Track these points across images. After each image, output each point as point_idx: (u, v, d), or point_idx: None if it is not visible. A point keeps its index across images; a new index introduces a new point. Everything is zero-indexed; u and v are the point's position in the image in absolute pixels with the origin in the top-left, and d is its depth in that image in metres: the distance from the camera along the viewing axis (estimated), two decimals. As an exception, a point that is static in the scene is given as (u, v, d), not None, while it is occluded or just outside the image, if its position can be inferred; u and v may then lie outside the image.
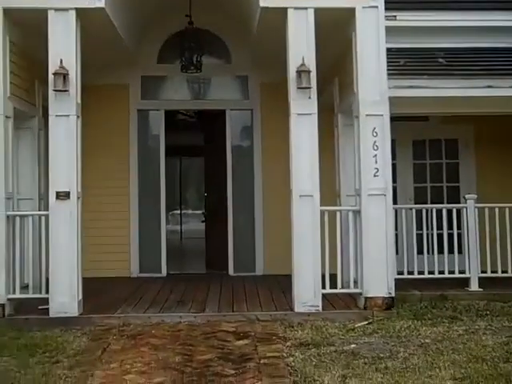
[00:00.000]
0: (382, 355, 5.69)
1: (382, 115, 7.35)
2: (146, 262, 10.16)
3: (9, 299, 7.13)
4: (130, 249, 10.08)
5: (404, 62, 8.28)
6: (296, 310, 7.20)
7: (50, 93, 7.17)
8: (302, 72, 7.19)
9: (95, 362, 5.68)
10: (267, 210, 10.16)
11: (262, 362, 5.59)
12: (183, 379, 5.18)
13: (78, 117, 7.25)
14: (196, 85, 10.55)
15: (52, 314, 7.01)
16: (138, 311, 7.35)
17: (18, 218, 7.34)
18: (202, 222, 11.76)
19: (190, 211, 19.63)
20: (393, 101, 7.38)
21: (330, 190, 8.49)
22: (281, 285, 8.51)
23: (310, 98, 7.28)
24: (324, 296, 7.30)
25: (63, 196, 7.08)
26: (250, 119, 10.45)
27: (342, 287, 7.50)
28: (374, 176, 7.33)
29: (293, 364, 5.51)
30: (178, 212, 18.42)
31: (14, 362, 5.70)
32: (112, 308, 7.43)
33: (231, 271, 10.24)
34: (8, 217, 7.16)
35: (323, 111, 7.57)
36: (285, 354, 5.80)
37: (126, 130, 10.22)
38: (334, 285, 7.43)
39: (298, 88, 7.24)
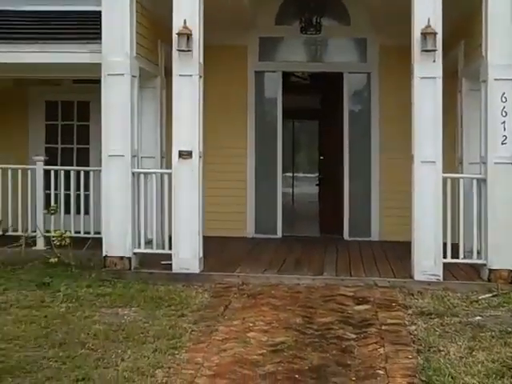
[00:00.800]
0: (510, 329, 5.49)
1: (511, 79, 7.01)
2: (262, 223, 10.27)
3: (134, 253, 7.44)
4: (247, 209, 10.22)
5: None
6: (415, 277, 7.08)
7: (174, 52, 7.29)
8: (427, 34, 6.95)
9: (218, 317, 5.84)
10: (384, 175, 10.00)
11: (383, 328, 5.55)
12: (305, 340, 5.23)
13: (200, 77, 7.34)
14: (313, 47, 10.42)
15: (174, 269, 7.25)
16: (256, 271, 7.47)
17: (142, 176, 7.58)
18: (317, 185, 11.74)
19: (301, 174, 19.61)
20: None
21: (450, 157, 8.21)
22: (397, 251, 8.41)
23: (434, 61, 7.02)
24: (444, 265, 7.12)
25: (186, 155, 7.23)
26: (368, 82, 10.25)
27: (464, 257, 7.30)
28: (502, 144, 7.02)
29: (415, 332, 5.43)
30: (290, 175, 18.46)
31: (142, 312, 5.96)
32: (231, 267, 7.60)
33: (346, 235, 10.18)
34: (133, 174, 7.42)
35: (444, 75, 7.28)
36: (406, 322, 5.73)
37: (243, 91, 10.27)
38: (455, 254, 7.24)
39: (423, 51, 7.00)
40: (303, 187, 17.85)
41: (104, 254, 7.41)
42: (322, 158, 11.72)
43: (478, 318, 5.85)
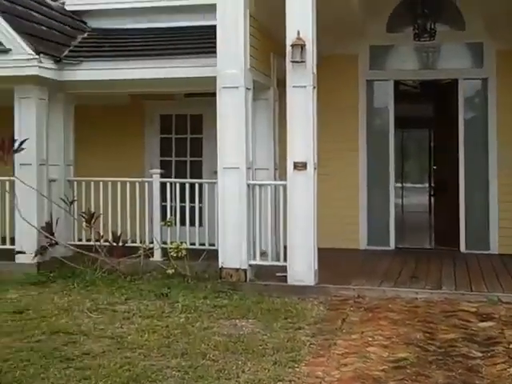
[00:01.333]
0: None
1: None
2: (374, 234, 10.09)
3: (250, 265, 7.48)
4: (359, 221, 10.08)
5: None
6: (543, 294, 6.72)
7: (288, 64, 7.31)
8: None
9: (336, 331, 5.77)
10: (503, 185, 9.58)
11: (511, 347, 5.29)
12: (427, 357, 5.06)
13: (314, 87, 7.33)
14: (425, 53, 10.16)
15: (289, 281, 7.24)
16: (372, 284, 7.34)
17: (257, 187, 7.62)
18: (431, 195, 11.41)
19: (409, 184, 19.17)
20: None
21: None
22: (520, 265, 8.05)
23: None
24: None
25: (300, 167, 7.22)
26: (485, 89, 9.87)
27: None
28: None
29: (547, 351, 5.15)
30: (400, 185, 18.12)
31: (260, 324, 5.98)
32: (345, 279, 7.50)
33: (462, 248, 9.82)
34: (248, 186, 7.48)
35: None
36: (536, 340, 5.45)
37: (354, 100, 10.16)
38: None
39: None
40: (412, 197, 17.43)
41: (220, 266, 7.50)
42: (435, 167, 11.39)
43: None
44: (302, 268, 7.20)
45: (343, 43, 9.79)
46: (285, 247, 7.42)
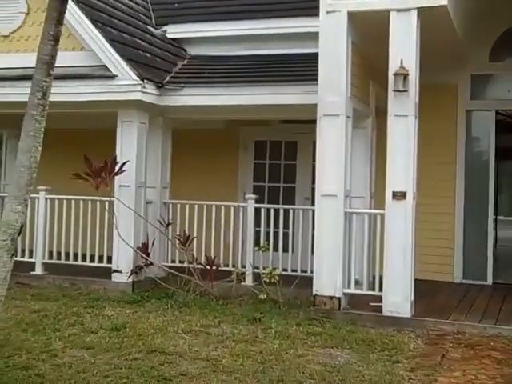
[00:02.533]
0: None
1: None
2: (471, 267, 9.76)
3: (344, 293, 7.37)
4: (455, 253, 9.78)
5: None
6: None
7: (390, 93, 7.23)
8: None
9: (436, 367, 5.57)
10: None
11: None
12: (537, 400, 4.81)
13: (415, 117, 7.23)
14: (528, 82, 9.84)
15: (384, 312, 7.09)
16: (471, 320, 7.07)
17: (354, 216, 7.54)
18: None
19: (503, 217, 18.56)
20: None
21: None
22: None
23: None
24: None
25: (399, 196, 7.10)
26: None
27: None
28: None
29: None
30: (493, 217, 17.58)
31: (355, 355, 5.87)
32: (443, 313, 7.27)
33: None
34: (346, 214, 7.41)
35: None
36: None
37: (453, 130, 9.93)
38: None
39: None
40: (507, 231, 16.84)
41: (314, 293, 7.41)
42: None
43: None
44: (397, 299, 7.04)
45: (444, 72, 9.55)
46: (380, 277, 7.26)
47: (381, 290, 7.19)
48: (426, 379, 5.24)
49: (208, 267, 8.23)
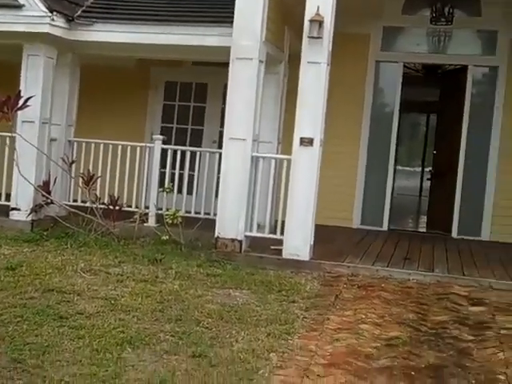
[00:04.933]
0: None
1: None
2: (369, 214, 10.14)
3: (246, 236, 7.50)
4: (355, 200, 10.11)
5: None
6: (535, 282, 6.79)
7: (304, 39, 7.25)
8: None
9: (329, 307, 5.80)
10: (502, 175, 9.62)
11: (502, 332, 5.35)
12: (419, 337, 5.11)
13: (327, 65, 7.29)
14: (437, 38, 10.07)
15: (285, 255, 7.27)
16: (365, 263, 7.38)
17: (261, 160, 7.61)
18: (428, 179, 11.45)
19: (401, 167, 19.21)
20: None
21: None
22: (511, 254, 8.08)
23: None
24: None
25: (307, 142, 7.21)
26: (494, 77, 9.83)
27: None
28: None
29: (538, 340, 5.20)
30: (398, 168, 18.18)
31: (254, 296, 6.01)
32: (339, 256, 7.54)
33: (454, 233, 9.87)
34: (253, 158, 7.47)
35: None
36: (528, 328, 5.50)
37: (362, 80, 10.10)
38: None
39: None
40: (404, 181, 17.51)
41: (216, 235, 7.50)
42: (435, 152, 11.40)
43: None
44: (298, 242, 7.23)
45: (357, 22, 9.62)
46: (282, 221, 7.42)
47: (282, 233, 7.36)
48: (319, 318, 5.45)
49: (111, 207, 8.13)
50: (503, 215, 9.44)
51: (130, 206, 8.61)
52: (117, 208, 8.13)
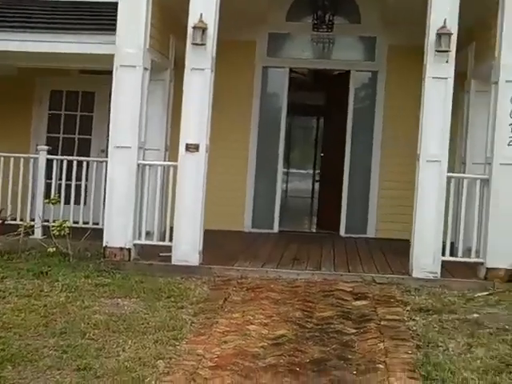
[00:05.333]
0: (507, 327, 5.53)
1: (523, 81, 7.06)
2: (259, 217, 10.30)
3: (134, 244, 7.45)
4: (245, 204, 10.25)
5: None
6: (413, 274, 7.14)
7: (188, 46, 7.30)
8: (442, 35, 6.98)
9: (218, 310, 5.85)
10: (384, 174, 10.04)
11: (382, 323, 5.58)
12: (305, 334, 5.25)
13: (212, 71, 7.36)
14: (322, 44, 10.41)
15: (174, 261, 7.27)
16: (255, 265, 7.50)
17: (147, 168, 7.58)
18: (317, 181, 11.77)
19: (294, 170, 19.62)
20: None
21: (453, 157, 8.27)
22: (394, 249, 8.49)
23: (447, 61, 7.06)
24: (442, 263, 7.18)
25: (192, 148, 7.25)
26: (374, 81, 10.28)
27: (463, 256, 7.36)
28: (508, 145, 7.09)
29: (414, 328, 5.47)
30: (285, 171, 18.50)
31: (142, 304, 5.96)
32: (230, 260, 7.62)
33: (342, 232, 10.22)
34: (139, 166, 7.43)
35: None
36: (405, 318, 5.77)
37: (250, 86, 10.27)
38: (453, 253, 7.35)
39: (437, 51, 7.04)
40: (296, 183, 17.91)
41: (104, 245, 7.41)
42: (322, 154, 11.75)
43: (476, 315, 5.89)
44: (187, 248, 7.25)
45: (243, 29, 9.75)
46: (171, 228, 7.42)
47: (171, 240, 7.36)
48: (207, 322, 5.48)
49: (-7, 221, 7.85)
50: (386, 213, 9.85)
51: (15, 219, 8.34)
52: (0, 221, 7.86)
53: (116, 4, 7.43)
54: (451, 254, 7.32)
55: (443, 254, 7.20)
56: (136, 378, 4.20)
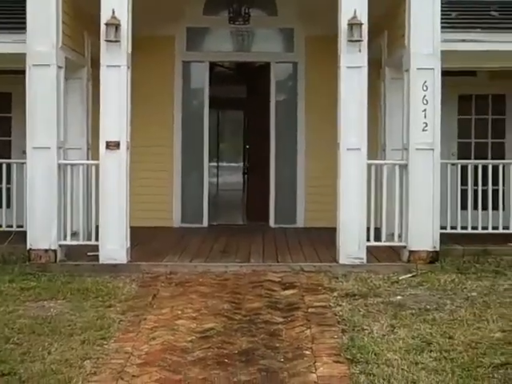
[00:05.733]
0: (428, 307, 5.75)
1: (432, 69, 7.32)
2: (188, 212, 10.30)
3: (60, 245, 7.33)
4: (173, 199, 10.23)
5: (456, 14, 8.09)
6: (340, 261, 7.29)
7: (102, 43, 7.21)
8: (353, 25, 7.13)
9: (146, 307, 5.84)
10: (309, 163, 10.19)
11: (309, 311, 5.70)
12: (233, 325, 5.30)
13: (128, 67, 7.30)
14: (241, 37, 10.46)
15: (101, 260, 7.20)
16: (184, 260, 7.52)
17: (68, 167, 7.47)
18: (244, 174, 11.84)
19: (225, 164, 19.65)
20: (443, 54, 7.28)
21: (373, 144, 8.47)
22: (322, 237, 8.62)
23: (360, 51, 7.22)
24: (368, 249, 7.37)
25: (113, 146, 7.18)
26: (295, 72, 10.40)
27: (386, 240, 7.57)
28: (423, 130, 7.31)
29: (340, 313, 5.60)
30: (215, 164, 18.50)
31: (69, 305, 5.88)
32: (158, 256, 7.61)
33: (272, 223, 10.34)
34: (59, 166, 7.31)
35: (368, 65, 7.48)
36: (332, 304, 5.90)
37: (170, 81, 10.23)
38: (377, 238, 7.52)
39: (349, 41, 7.18)
40: (228, 176, 17.94)
41: (28, 248, 7.26)
42: (247, 147, 11.83)
43: (399, 297, 6.09)
44: (113, 246, 7.19)
45: (160, 24, 9.76)
46: (97, 227, 7.34)
47: (98, 239, 7.28)
48: (135, 319, 5.46)
49: None
50: (314, 202, 10.00)
51: None
52: None
53: (25, 1, 7.25)
54: (376, 239, 7.50)
55: (368, 239, 7.38)
56: (62, 380, 4.16)
